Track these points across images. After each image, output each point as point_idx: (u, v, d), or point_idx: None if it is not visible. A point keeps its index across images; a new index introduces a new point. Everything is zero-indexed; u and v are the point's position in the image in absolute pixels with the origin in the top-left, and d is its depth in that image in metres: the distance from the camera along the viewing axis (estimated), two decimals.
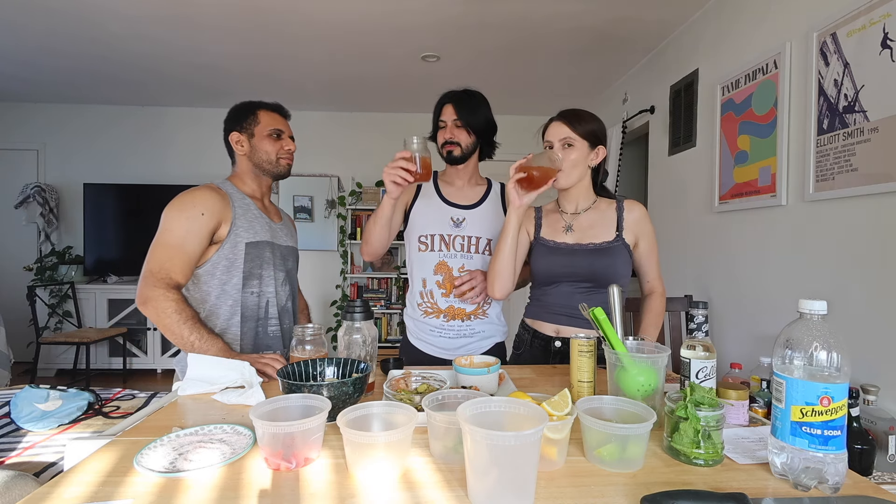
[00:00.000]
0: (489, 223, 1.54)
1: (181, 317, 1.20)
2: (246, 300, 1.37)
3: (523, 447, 0.59)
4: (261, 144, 1.42)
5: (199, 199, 1.30)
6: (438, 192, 1.55)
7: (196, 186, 1.35)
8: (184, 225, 1.26)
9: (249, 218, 1.38)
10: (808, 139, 1.83)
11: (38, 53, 3.31)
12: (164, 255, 1.24)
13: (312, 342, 1.12)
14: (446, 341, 1.51)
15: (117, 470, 0.70)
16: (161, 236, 1.26)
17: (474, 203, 1.55)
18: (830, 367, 0.67)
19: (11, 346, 3.76)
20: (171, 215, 1.28)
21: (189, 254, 1.27)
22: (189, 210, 1.27)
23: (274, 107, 1.47)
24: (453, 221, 1.51)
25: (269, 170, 1.44)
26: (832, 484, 0.65)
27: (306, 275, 4.70)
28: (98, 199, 4.35)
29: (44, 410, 2.80)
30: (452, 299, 1.49)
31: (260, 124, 1.42)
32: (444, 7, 2.62)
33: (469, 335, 1.51)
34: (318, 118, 4.69)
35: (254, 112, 1.43)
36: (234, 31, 2.94)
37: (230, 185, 1.43)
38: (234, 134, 1.42)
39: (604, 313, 0.95)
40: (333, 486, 0.66)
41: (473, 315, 1.51)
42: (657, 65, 3.14)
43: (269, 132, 1.42)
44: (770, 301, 2.08)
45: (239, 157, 1.44)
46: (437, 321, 1.51)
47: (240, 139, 1.42)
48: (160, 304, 1.19)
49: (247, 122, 1.42)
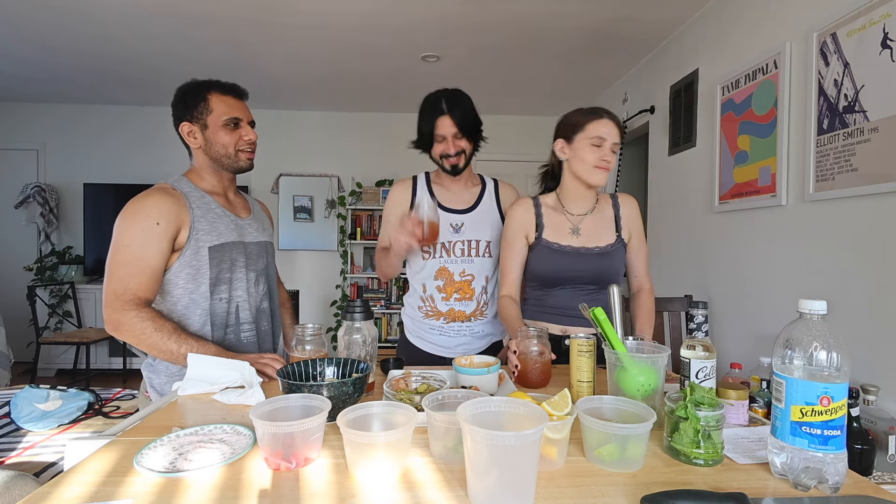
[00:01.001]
0: (487, 224, 1.53)
1: (163, 333, 1.11)
2: (215, 307, 1.25)
3: (523, 447, 0.59)
4: (216, 137, 1.24)
5: (152, 206, 1.16)
6: (435, 199, 1.53)
7: (147, 190, 1.20)
8: (139, 237, 1.13)
9: (211, 219, 1.24)
10: (808, 139, 1.83)
11: (38, 52, 3.31)
12: (125, 273, 1.13)
13: (312, 342, 1.13)
14: (446, 339, 1.52)
15: (117, 470, 0.70)
16: (117, 253, 1.14)
17: (471, 206, 1.54)
18: (830, 367, 0.67)
19: (11, 346, 3.76)
20: (124, 228, 1.14)
21: (152, 268, 1.15)
22: (142, 220, 1.14)
23: (228, 88, 1.27)
24: (452, 227, 1.50)
25: (227, 165, 1.28)
26: (832, 484, 0.65)
27: (306, 275, 4.74)
28: (98, 199, 4.35)
29: (44, 410, 2.80)
30: (453, 302, 1.50)
31: (213, 112, 1.23)
32: (444, 7, 2.62)
33: (468, 334, 1.52)
34: (318, 118, 4.69)
35: (204, 97, 1.24)
36: (234, 31, 2.94)
37: (186, 182, 1.27)
38: (185, 124, 1.25)
39: (604, 313, 0.95)
40: (333, 486, 0.66)
41: (473, 316, 1.51)
42: (657, 65, 3.14)
43: (225, 122, 1.24)
44: (770, 301, 2.08)
45: (195, 151, 1.28)
46: (438, 322, 1.52)
47: (192, 130, 1.25)
48: (136, 327, 1.11)
49: (198, 111, 1.23)
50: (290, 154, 4.70)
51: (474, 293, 1.50)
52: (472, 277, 1.50)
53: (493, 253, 1.53)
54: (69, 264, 4.44)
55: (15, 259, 4.48)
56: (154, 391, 1.24)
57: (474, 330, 1.52)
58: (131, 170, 4.56)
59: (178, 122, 1.26)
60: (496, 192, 1.60)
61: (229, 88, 1.27)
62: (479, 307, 1.52)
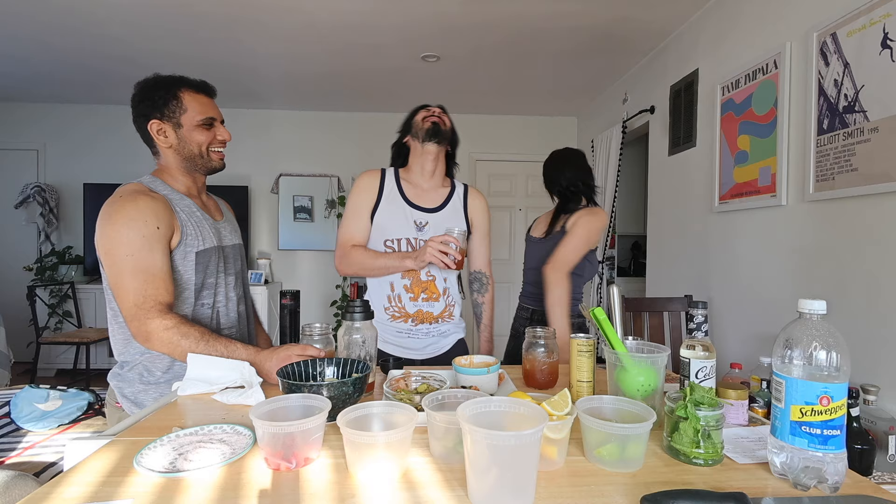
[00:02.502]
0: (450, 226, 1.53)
1: (190, 339, 1.08)
2: (198, 313, 1.22)
3: (523, 447, 0.59)
4: (191, 136, 1.20)
5: (146, 209, 1.10)
6: (402, 194, 1.51)
7: (126, 192, 1.13)
8: (142, 244, 1.09)
9: (195, 222, 1.20)
10: (808, 139, 1.83)
11: (38, 52, 3.31)
12: (140, 282, 1.08)
13: (321, 341, 1.13)
14: (414, 341, 1.50)
15: (117, 470, 0.70)
16: (123, 265, 1.08)
17: (437, 206, 1.52)
18: (830, 367, 0.67)
19: (11, 346, 3.76)
20: (123, 235, 1.08)
21: (163, 271, 1.12)
22: (142, 227, 1.09)
23: (200, 85, 1.23)
24: (416, 225, 1.49)
25: (199, 165, 1.24)
26: (832, 483, 0.65)
27: (306, 275, 4.74)
28: (98, 199, 4.34)
29: (44, 410, 2.80)
30: (420, 303, 1.47)
31: (187, 112, 1.19)
32: (444, 7, 2.62)
33: (436, 335, 1.51)
34: (318, 118, 4.69)
35: (175, 94, 1.18)
36: (233, 31, 2.94)
37: (161, 183, 1.21)
38: (155, 122, 1.18)
39: (604, 313, 0.96)
40: (333, 486, 0.66)
41: (440, 318, 1.50)
42: (657, 65, 3.14)
43: (201, 121, 1.20)
44: (770, 301, 2.08)
45: (163, 150, 1.22)
46: (406, 325, 1.48)
47: (162, 128, 1.19)
48: (163, 337, 1.08)
49: (169, 108, 1.18)
50: (290, 154, 4.70)
51: (440, 294, 1.49)
52: (434, 278, 1.48)
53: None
54: (69, 264, 4.44)
55: (15, 259, 4.48)
56: (126, 400, 1.19)
57: (440, 330, 1.51)
58: (131, 170, 4.56)
59: (144, 120, 1.19)
60: (465, 196, 1.58)
61: (201, 86, 1.23)
62: (446, 308, 1.50)
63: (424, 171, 1.52)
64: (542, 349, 1.13)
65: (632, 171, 4.52)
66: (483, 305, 1.64)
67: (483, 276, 1.64)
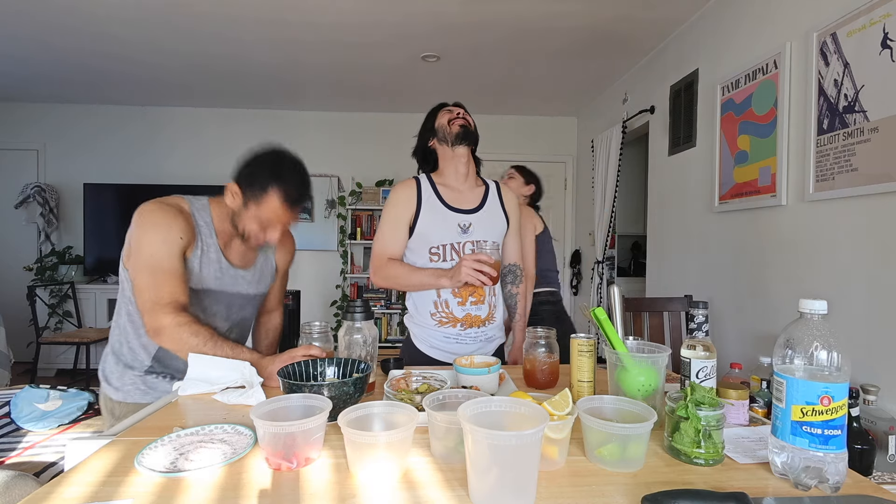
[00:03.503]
0: (494, 225, 1.52)
1: (199, 338, 1.11)
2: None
3: (524, 447, 0.59)
4: (248, 221, 1.20)
5: (176, 223, 1.16)
6: (441, 200, 1.50)
7: (165, 201, 1.19)
8: (163, 247, 1.14)
9: (204, 260, 1.22)
10: (808, 139, 1.83)
11: (38, 52, 3.31)
12: (158, 280, 1.13)
13: (320, 339, 1.13)
14: (462, 347, 1.48)
15: (118, 470, 0.70)
16: (143, 262, 1.14)
17: (477, 206, 1.53)
18: (830, 367, 0.67)
19: (11, 346, 3.76)
20: (148, 237, 1.14)
21: (180, 273, 1.16)
22: (165, 232, 1.15)
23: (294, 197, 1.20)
24: (461, 228, 1.47)
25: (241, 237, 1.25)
26: (832, 483, 0.65)
27: (307, 275, 4.74)
28: (98, 199, 4.35)
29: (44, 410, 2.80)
30: (469, 307, 1.46)
31: (263, 206, 1.18)
32: (444, 7, 2.62)
33: (483, 340, 1.50)
34: (318, 118, 4.69)
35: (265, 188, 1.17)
36: (234, 32, 2.94)
37: (207, 212, 1.24)
38: (235, 186, 1.20)
39: (604, 313, 0.96)
40: (334, 485, 0.66)
41: (486, 321, 1.49)
42: (657, 65, 3.14)
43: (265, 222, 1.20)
44: (770, 301, 2.08)
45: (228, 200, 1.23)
46: (454, 330, 1.47)
47: (236, 193, 1.20)
48: (174, 333, 1.11)
49: (253, 189, 1.18)
50: None
51: (485, 295, 1.48)
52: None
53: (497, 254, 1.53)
54: (69, 264, 4.44)
55: (15, 259, 4.48)
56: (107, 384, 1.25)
57: (487, 335, 1.50)
58: (131, 170, 4.57)
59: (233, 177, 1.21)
60: (499, 192, 1.59)
61: (295, 198, 1.21)
62: (490, 311, 1.49)
63: (459, 173, 1.51)
64: (542, 349, 1.13)
65: (632, 171, 4.52)
66: (517, 296, 1.64)
67: (517, 268, 1.64)
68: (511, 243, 1.61)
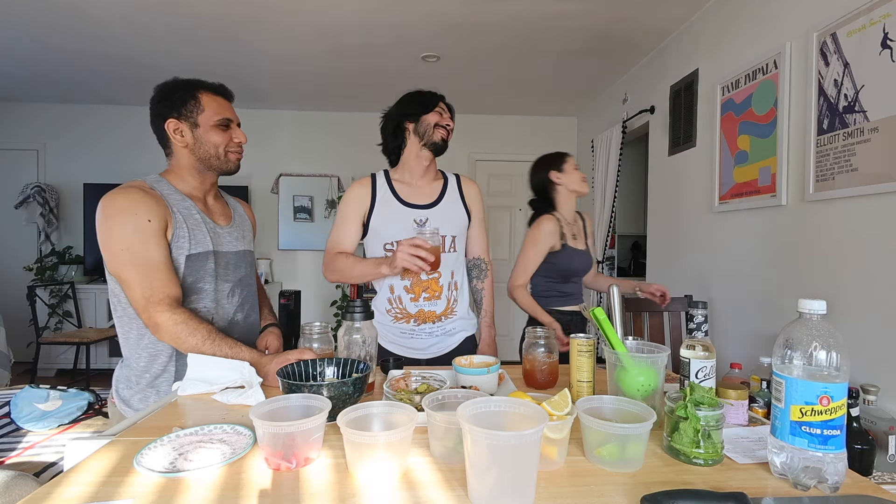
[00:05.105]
0: (451, 219, 1.51)
1: (197, 337, 1.09)
2: None
3: (523, 447, 0.59)
4: (207, 136, 1.21)
5: (138, 203, 1.10)
6: (396, 196, 1.50)
7: (121, 187, 1.15)
8: (136, 237, 1.09)
9: (191, 225, 1.19)
10: (808, 139, 1.83)
11: (38, 52, 3.31)
12: (143, 274, 1.09)
13: (319, 340, 1.13)
14: (418, 341, 1.49)
15: (117, 470, 0.70)
16: (119, 257, 1.09)
17: (434, 201, 1.51)
18: (830, 367, 0.67)
19: (11, 346, 3.76)
20: (114, 230, 1.09)
21: (163, 263, 1.11)
22: (132, 219, 1.09)
23: (217, 88, 1.25)
24: (416, 223, 1.47)
25: (215, 165, 1.24)
26: (832, 483, 0.65)
27: (306, 275, 4.74)
28: (98, 199, 4.32)
29: (44, 410, 2.80)
30: (422, 302, 1.46)
31: (205, 112, 1.20)
32: (444, 7, 2.62)
33: (440, 334, 1.50)
34: (318, 118, 4.69)
35: (194, 95, 1.21)
36: (234, 31, 2.94)
37: (166, 183, 1.22)
38: (172, 121, 1.20)
39: (604, 313, 0.96)
40: (333, 486, 0.66)
41: (444, 315, 1.49)
42: (657, 65, 3.14)
43: (218, 122, 1.21)
44: (770, 301, 2.08)
45: (178, 150, 1.23)
46: (408, 325, 1.48)
47: (179, 127, 1.20)
48: (172, 330, 1.09)
49: (187, 108, 1.20)
50: (290, 154, 4.70)
51: (442, 290, 1.47)
52: (439, 275, 1.47)
53: (458, 247, 1.51)
54: (69, 264, 4.43)
55: (15, 259, 4.48)
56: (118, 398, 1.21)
57: (445, 329, 1.50)
58: (131, 170, 4.56)
59: (161, 119, 1.21)
60: (459, 186, 1.57)
61: (219, 89, 1.25)
62: (448, 305, 1.49)
63: (418, 170, 1.52)
64: (542, 349, 1.13)
65: (632, 171, 4.52)
66: (483, 291, 1.63)
67: (482, 262, 1.62)
68: (475, 236, 1.60)
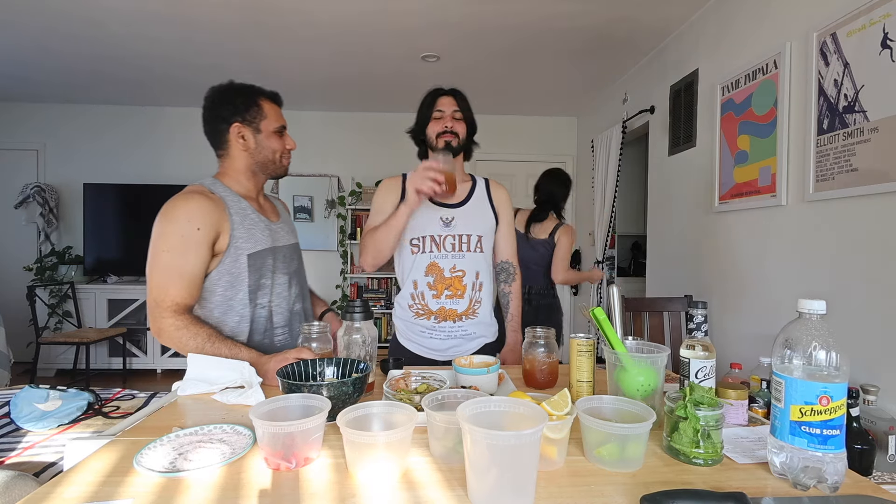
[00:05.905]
0: (478, 220, 1.52)
1: (198, 340, 1.11)
2: (255, 314, 1.26)
3: (523, 447, 0.59)
4: (268, 142, 1.28)
5: (194, 211, 1.15)
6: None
7: (184, 192, 1.19)
8: (180, 243, 1.13)
9: (248, 225, 1.24)
10: (808, 139, 1.83)
11: (38, 53, 3.31)
12: (165, 279, 1.13)
13: (319, 339, 1.13)
14: (436, 342, 1.49)
15: (117, 470, 0.70)
16: (157, 258, 1.13)
17: (462, 201, 1.53)
18: (829, 367, 0.67)
19: (11, 346, 3.76)
20: (166, 232, 1.14)
21: (192, 273, 1.15)
22: (184, 226, 1.13)
23: (273, 96, 1.33)
24: (443, 221, 1.49)
25: (271, 170, 1.32)
26: (831, 483, 0.65)
27: (307, 275, 4.73)
28: (98, 199, 4.35)
29: (44, 410, 2.80)
30: (444, 300, 1.47)
31: (266, 119, 1.28)
32: (444, 7, 2.62)
33: (459, 336, 1.50)
34: (318, 118, 4.69)
35: (256, 102, 1.27)
36: (233, 31, 2.94)
37: (222, 185, 1.26)
38: (237, 125, 1.25)
39: (604, 313, 0.96)
40: (333, 485, 0.66)
41: (465, 315, 1.49)
42: (657, 65, 3.14)
43: (277, 128, 1.29)
44: (770, 301, 2.08)
45: (237, 153, 1.28)
46: (428, 322, 1.49)
47: (243, 132, 1.26)
48: (174, 336, 1.12)
49: (250, 114, 1.26)
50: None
51: (465, 290, 1.48)
52: (463, 273, 1.47)
53: (484, 248, 1.51)
54: (69, 264, 4.43)
55: (15, 259, 4.48)
56: None
57: (465, 331, 1.50)
58: (131, 170, 4.57)
59: (223, 122, 1.26)
60: (488, 189, 1.59)
61: (275, 97, 1.33)
62: (470, 305, 1.49)
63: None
64: (541, 349, 1.13)
65: (632, 171, 4.52)
66: (510, 295, 1.63)
67: (510, 265, 1.63)
68: (503, 240, 1.61)
